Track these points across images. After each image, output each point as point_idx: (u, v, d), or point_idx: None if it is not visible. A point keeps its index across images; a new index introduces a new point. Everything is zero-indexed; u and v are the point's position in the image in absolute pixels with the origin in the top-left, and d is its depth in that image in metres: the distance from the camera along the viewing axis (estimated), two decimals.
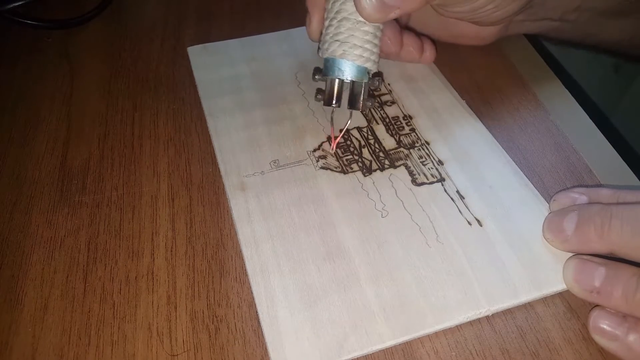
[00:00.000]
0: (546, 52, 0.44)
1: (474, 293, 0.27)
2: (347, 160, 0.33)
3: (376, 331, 0.26)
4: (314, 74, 0.34)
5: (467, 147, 0.34)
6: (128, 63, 0.42)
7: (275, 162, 0.33)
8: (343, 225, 0.30)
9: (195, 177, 0.33)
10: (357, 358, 0.25)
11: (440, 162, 0.33)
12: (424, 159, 0.33)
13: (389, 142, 0.35)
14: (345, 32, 0.32)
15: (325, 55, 0.32)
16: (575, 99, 0.38)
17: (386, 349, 0.26)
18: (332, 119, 0.34)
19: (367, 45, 0.32)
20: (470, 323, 0.27)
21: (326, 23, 0.32)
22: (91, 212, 0.31)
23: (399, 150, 0.34)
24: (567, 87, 0.39)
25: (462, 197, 0.31)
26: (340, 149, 0.34)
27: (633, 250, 0.25)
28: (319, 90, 0.34)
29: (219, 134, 0.35)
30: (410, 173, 0.33)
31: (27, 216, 0.31)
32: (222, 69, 0.40)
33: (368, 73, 0.32)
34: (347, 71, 0.32)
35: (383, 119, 0.36)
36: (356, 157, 0.34)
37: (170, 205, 0.32)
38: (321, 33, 0.33)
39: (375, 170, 0.33)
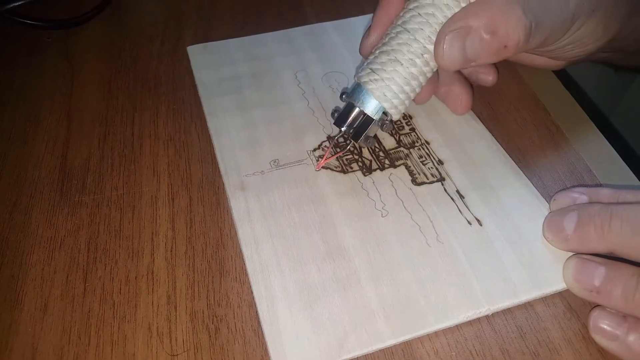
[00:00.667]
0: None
1: (474, 292, 0.27)
2: (347, 159, 0.33)
3: (376, 331, 0.26)
4: (342, 94, 0.32)
5: (467, 147, 0.34)
6: (128, 63, 0.42)
7: (275, 162, 0.33)
8: (343, 225, 0.30)
9: (195, 177, 0.33)
10: (357, 357, 0.25)
11: (440, 162, 0.33)
12: (424, 159, 0.33)
13: (389, 142, 0.35)
14: (386, 69, 0.30)
15: (357, 80, 0.31)
16: (575, 98, 0.38)
17: (386, 348, 0.26)
18: (330, 137, 0.33)
19: (407, 99, 0.31)
20: (470, 323, 0.27)
21: (376, 51, 0.31)
22: (91, 212, 0.31)
23: (399, 149, 0.34)
24: (566, 87, 0.39)
25: (462, 197, 0.31)
26: (340, 148, 0.34)
27: (633, 250, 0.25)
28: (337, 110, 0.34)
29: (219, 134, 0.35)
30: (410, 173, 0.33)
31: (27, 216, 0.31)
32: (222, 69, 0.40)
33: (386, 115, 0.31)
34: (367, 103, 0.31)
35: None
36: (356, 157, 0.34)
37: (170, 205, 0.32)
38: (371, 51, 0.32)
39: (375, 170, 0.33)
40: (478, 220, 0.30)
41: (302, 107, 0.37)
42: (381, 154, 0.34)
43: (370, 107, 0.31)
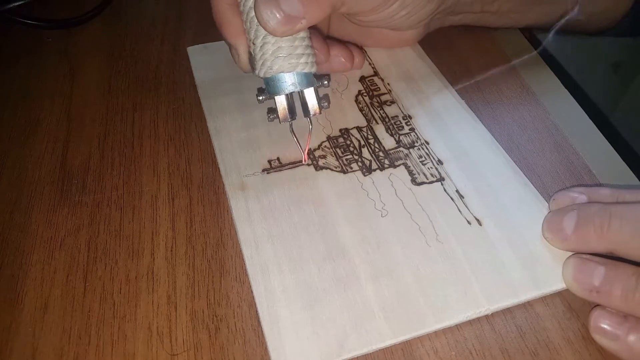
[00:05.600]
0: (546, 52, 0.44)
1: (474, 292, 0.27)
2: (346, 159, 0.33)
3: (376, 330, 0.26)
4: (257, 95, 0.33)
5: (467, 147, 0.34)
6: (128, 63, 0.42)
7: (275, 162, 0.33)
8: (343, 225, 0.30)
9: (195, 177, 0.33)
10: (357, 357, 0.25)
11: (440, 162, 0.33)
12: (423, 159, 0.33)
13: (388, 142, 0.35)
14: (285, 45, 0.31)
15: (270, 75, 0.31)
16: (574, 99, 0.38)
17: (386, 348, 0.26)
18: (292, 131, 0.33)
19: (308, 51, 0.32)
20: (470, 322, 0.27)
21: (258, 42, 0.31)
22: (91, 212, 0.32)
23: (398, 149, 0.34)
24: (566, 87, 0.39)
25: (461, 197, 0.31)
26: (340, 148, 0.34)
27: (632, 250, 0.25)
28: (270, 110, 0.34)
29: (219, 134, 0.35)
30: (410, 172, 0.33)
31: (27, 216, 0.31)
32: (221, 69, 0.39)
33: (313, 77, 0.32)
34: (297, 82, 0.31)
35: (383, 119, 0.36)
36: (356, 157, 0.34)
37: (170, 205, 0.32)
38: (250, 57, 0.33)
39: (375, 170, 0.33)
40: (478, 220, 0.30)
41: None
42: (381, 154, 0.34)
43: (301, 81, 0.31)
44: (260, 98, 0.33)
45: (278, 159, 0.33)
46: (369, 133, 0.35)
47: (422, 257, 0.28)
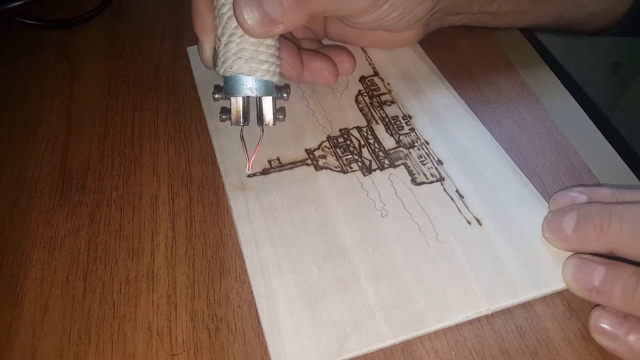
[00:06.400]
0: (546, 52, 0.44)
1: (474, 292, 0.27)
2: (346, 159, 0.33)
3: (376, 330, 0.26)
4: (214, 93, 0.33)
5: (467, 147, 0.34)
6: (128, 63, 0.42)
7: (275, 162, 0.33)
8: (343, 225, 0.30)
9: (195, 177, 0.33)
10: (357, 357, 0.25)
11: (440, 162, 0.33)
12: (423, 159, 0.33)
13: (388, 142, 0.35)
14: (249, 48, 0.31)
15: (229, 74, 0.31)
16: (574, 99, 0.38)
17: (386, 348, 0.26)
18: (242, 137, 0.33)
19: (272, 59, 0.31)
20: (470, 322, 0.27)
21: (223, 40, 0.31)
22: (91, 212, 0.32)
23: (398, 149, 0.34)
24: (566, 87, 0.39)
25: (461, 197, 0.31)
26: (340, 148, 0.34)
27: (632, 250, 0.25)
28: (224, 110, 0.33)
29: (219, 134, 0.35)
30: (410, 172, 0.33)
31: (27, 216, 0.31)
32: None
33: (274, 87, 0.32)
34: (255, 88, 0.31)
35: (382, 119, 0.36)
36: (356, 157, 0.34)
37: (170, 205, 0.32)
38: (214, 54, 0.32)
39: (374, 170, 0.33)
40: (478, 220, 0.30)
41: (302, 107, 0.37)
42: (381, 154, 0.34)
43: (260, 87, 0.31)
44: (217, 96, 0.33)
45: (278, 159, 0.33)
46: (369, 133, 0.35)
47: (422, 257, 0.28)
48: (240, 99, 0.32)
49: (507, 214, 0.30)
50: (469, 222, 0.30)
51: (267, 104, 0.32)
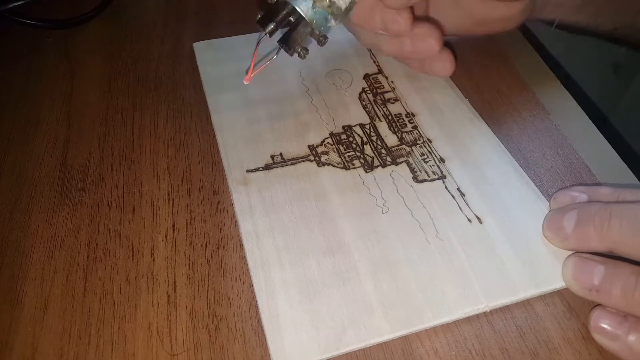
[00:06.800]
0: (546, 52, 0.44)
1: (473, 289, 0.27)
2: (349, 156, 0.34)
3: (374, 325, 0.26)
4: (262, 19, 0.31)
5: (469, 145, 0.34)
6: (128, 63, 0.42)
7: (277, 157, 0.33)
8: (344, 221, 0.30)
9: (195, 177, 0.33)
10: (356, 351, 0.25)
11: (442, 160, 0.33)
12: (425, 156, 0.33)
13: (391, 139, 0.35)
14: None
15: None
16: (574, 99, 0.38)
17: (386, 347, 0.26)
18: (258, 43, 0.31)
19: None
20: (470, 322, 0.27)
21: None
22: (91, 212, 0.31)
23: (400, 147, 0.34)
24: (566, 87, 0.39)
25: (462, 195, 0.31)
26: (342, 145, 0.34)
27: (632, 249, 0.25)
28: (265, 15, 0.31)
29: (223, 129, 0.35)
30: (412, 170, 0.33)
31: (27, 216, 0.31)
32: (227, 65, 0.40)
33: (325, 31, 0.30)
34: (305, 7, 0.29)
35: (386, 116, 0.36)
36: (358, 154, 0.34)
37: (170, 205, 0.32)
38: None
39: (376, 167, 0.33)
40: (478, 218, 0.30)
41: (306, 103, 0.37)
42: (383, 151, 0.34)
43: (312, 14, 0.29)
44: (271, 26, 0.31)
45: (281, 154, 0.34)
46: (372, 130, 0.35)
47: (421, 254, 0.28)
48: (286, 7, 0.30)
49: (508, 212, 0.30)
50: (469, 220, 0.30)
51: (302, 30, 0.30)
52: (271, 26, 0.30)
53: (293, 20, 0.30)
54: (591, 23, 0.41)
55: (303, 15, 0.30)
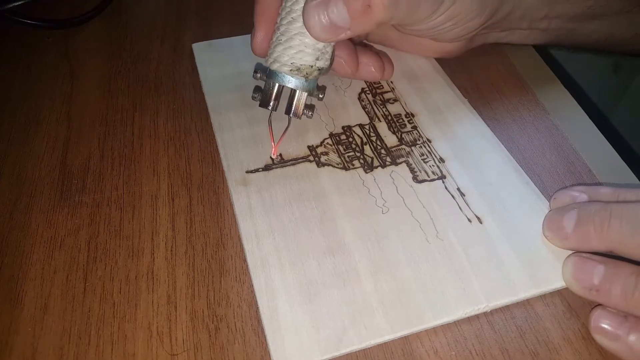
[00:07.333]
0: (546, 52, 0.44)
1: (473, 289, 0.27)
2: (348, 156, 0.34)
3: (375, 325, 0.26)
4: (255, 71, 0.33)
5: (469, 145, 0.34)
6: (128, 63, 0.42)
7: (277, 158, 0.33)
8: (344, 221, 0.30)
9: (195, 177, 0.33)
10: (356, 352, 0.25)
11: (442, 160, 0.33)
12: (425, 157, 0.33)
13: (390, 140, 0.35)
14: (295, 47, 0.31)
15: (275, 68, 0.31)
16: (574, 98, 0.38)
17: (386, 348, 0.26)
18: (270, 122, 0.33)
19: (324, 60, 0.31)
20: (470, 322, 0.27)
21: (283, 36, 0.31)
22: (91, 212, 0.32)
23: (400, 147, 0.34)
24: (566, 87, 0.39)
25: (462, 195, 0.31)
26: (342, 145, 0.34)
27: (632, 249, 0.25)
28: (257, 89, 0.33)
29: (222, 130, 0.35)
30: (412, 170, 0.33)
31: (27, 216, 0.31)
32: (226, 66, 0.40)
33: (316, 85, 0.32)
34: (295, 82, 0.31)
35: (385, 117, 0.36)
36: (358, 154, 0.34)
37: (170, 205, 0.32)
38: (269, 46, 0.32)
39: (376, 167, 0.33)
40: (478, 218, 0.30)
41: None
42: (383, 151, 0.34)
43: (300, 84, 0.31)
44: (258, 75, 0.33)
45: (280, 155, 0.34)
46: (372, 130, 0.35)
47: (421, 254, 0.28)
48: (277, 86, 0.32)
49: (508, 212, 0.30)
50: (469, 220, 0.30)
51: (301, 97, 0.32)
52: (272, 104, 0.32)
53: (290, 89, 0.32)
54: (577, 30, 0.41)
55: (298, 89, 0.32)
